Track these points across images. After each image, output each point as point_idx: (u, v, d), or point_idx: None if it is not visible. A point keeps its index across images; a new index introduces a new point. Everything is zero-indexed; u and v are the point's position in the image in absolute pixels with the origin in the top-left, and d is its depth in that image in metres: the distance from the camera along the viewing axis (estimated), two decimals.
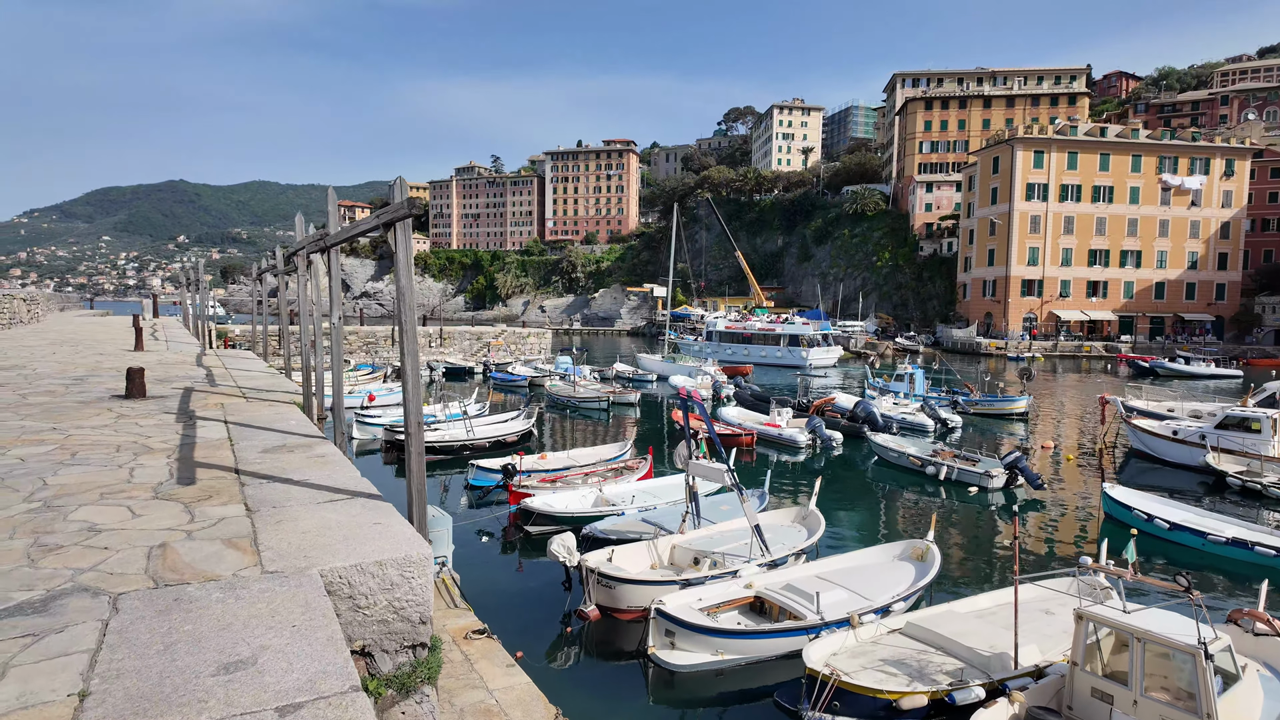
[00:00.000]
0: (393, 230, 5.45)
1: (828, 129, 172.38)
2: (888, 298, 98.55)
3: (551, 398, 37.51)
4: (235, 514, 5.11)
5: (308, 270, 10.14)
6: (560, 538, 12.77)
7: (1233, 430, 23.53)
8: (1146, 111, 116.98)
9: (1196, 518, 16.58)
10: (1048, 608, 11.83)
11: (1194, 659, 7.98)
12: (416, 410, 5.54)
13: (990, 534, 17.70)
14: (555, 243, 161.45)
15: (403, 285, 5.39)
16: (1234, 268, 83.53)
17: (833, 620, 11.02)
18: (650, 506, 17.46)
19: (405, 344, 5.45)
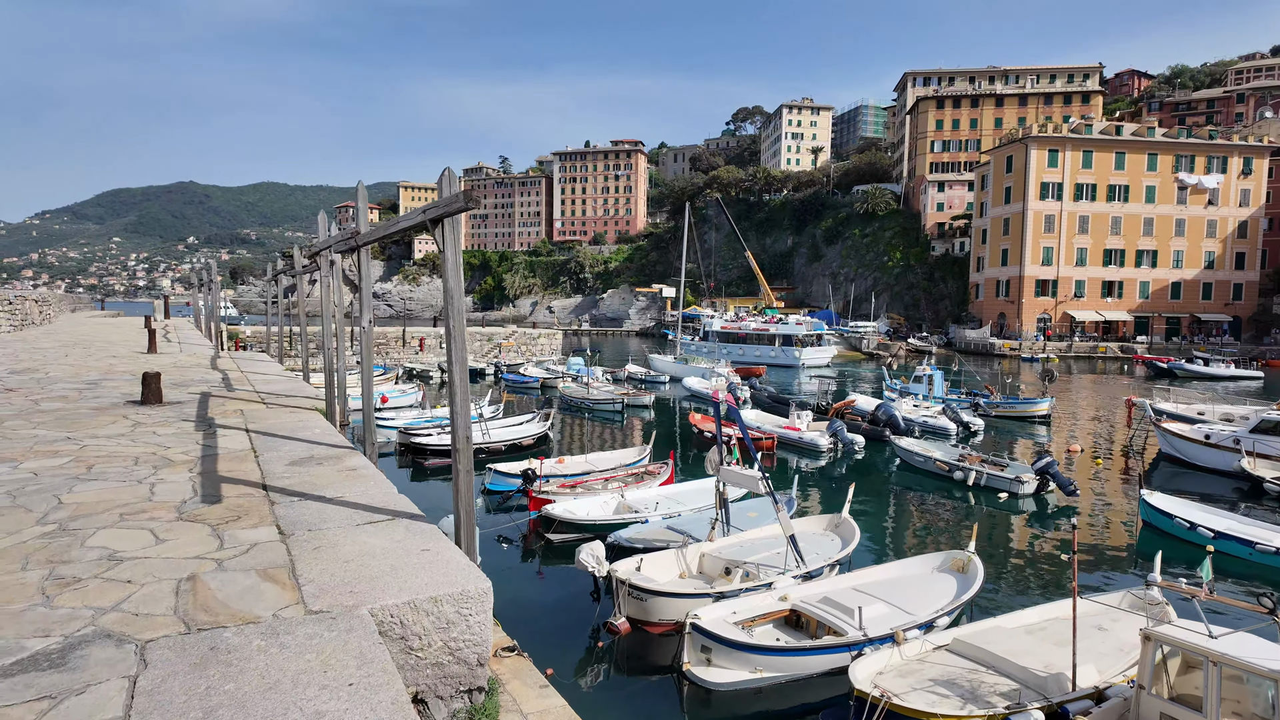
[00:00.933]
0: (440, 226, 5.01)
1: (837, 128, 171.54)
2: (899, 298, 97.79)
3: (565, 399, 37.09)
4: (268, 538, 4.67)
5: (330, 271, 9.74)
6: (589, 547, 12.32)
7: (1269, 434, 22.89)
8: (1160, 110, 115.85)
9: (1241, 525, 16.01)
10: (1099, 623, 11.30)
11: (1277, 684, 7.47)
12: (465, 423, 5.10)
13: (1028, 543, 17.16)
14: (563, 243, 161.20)
15: (451, 286, 4.95)
16: (1251, 267, 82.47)
17: (876, 636, 10.54)
18: (675, 513, 16.99)
19: (454, 350, 5.01)
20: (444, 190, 4.95)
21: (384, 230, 6.75)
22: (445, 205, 4.85)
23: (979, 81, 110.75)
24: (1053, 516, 19.24)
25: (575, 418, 34.06)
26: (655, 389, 43.09)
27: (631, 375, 48.45)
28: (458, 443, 5.14)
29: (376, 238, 7.02)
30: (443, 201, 4.88)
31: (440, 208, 4.90)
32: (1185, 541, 16.15)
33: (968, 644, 10.45)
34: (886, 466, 24.79)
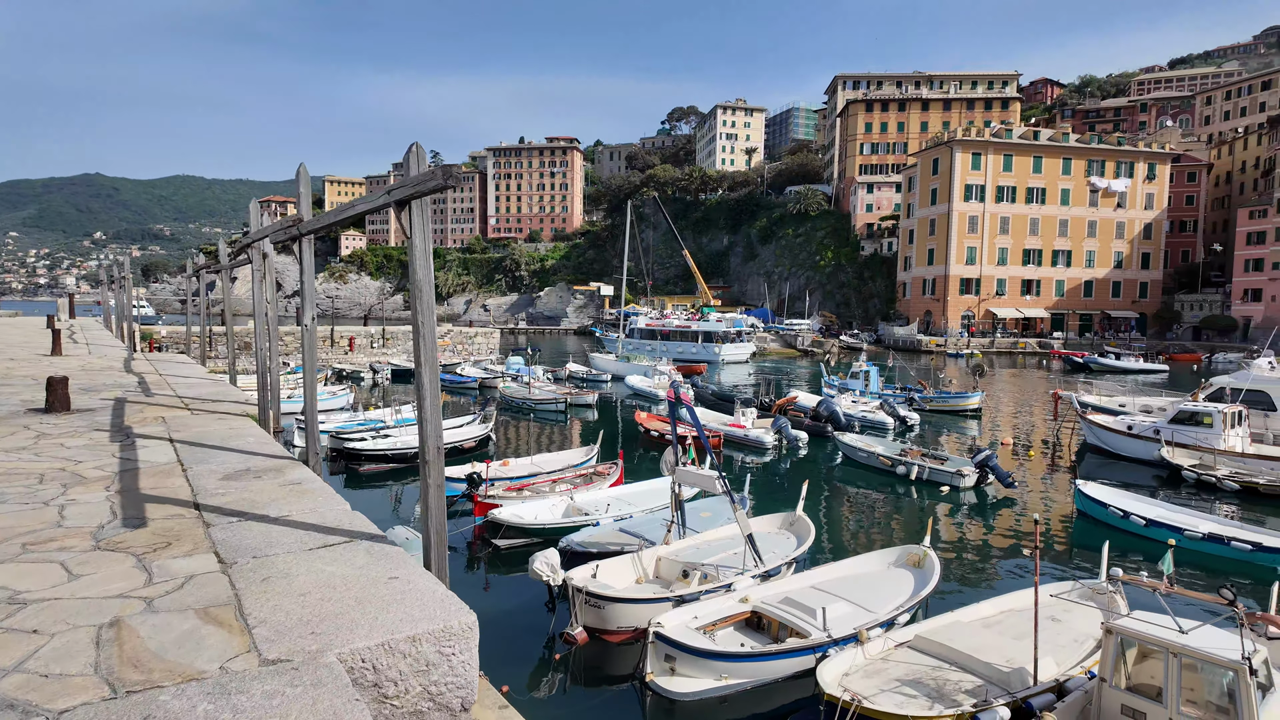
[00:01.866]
0: (408, 210, 4.46)
1: (770, 130, 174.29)
2: (831, 296, 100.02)
3: (505, 400, 36.24)
4: (206, 569, 4.05)
5: (264, 264, 8.92)
6: (544, 555, 11.83)
7: (1185, 425, 24.08)
8: (1073, 117, 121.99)
9: (1170, 513, 16.69)
10: (1053, 614, 11.46)
11: (1237, 675, 7.60)
12: (436, 432, 4.56)
13: (973, 535, 17.48)
14: (498, 240, 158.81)
15: (420, 279, 4.41)
16: (1156, 267, 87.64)
17: (840, 637, 10.41)
18: (626, 515, 16.60)
19: (423, 350, 4.47)
20: (412, 168, 4.40)
21: (336, 216, 6.10)
22: (417, 184, 4.30)
23: (906, 86, 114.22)
24: (993, 508, 19.71)
25: (516, 418, 33.30)
26: (598, 388, 42.61)
27: (573, 374, 47.84)
28: (428, 454, 4.60)
29: (326, 225, 6.35)
30: (412, 180, 4.33)
31: (409, 187, 4.35)
32: (1119, 529, 16.73)
33: (930, 640, 10.43)
34: (830, 462, 25.03)
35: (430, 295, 4.53)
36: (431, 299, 4.54)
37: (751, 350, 67.90)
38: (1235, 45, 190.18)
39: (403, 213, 4.49)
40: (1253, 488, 20.51)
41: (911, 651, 10.40)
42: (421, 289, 4.47)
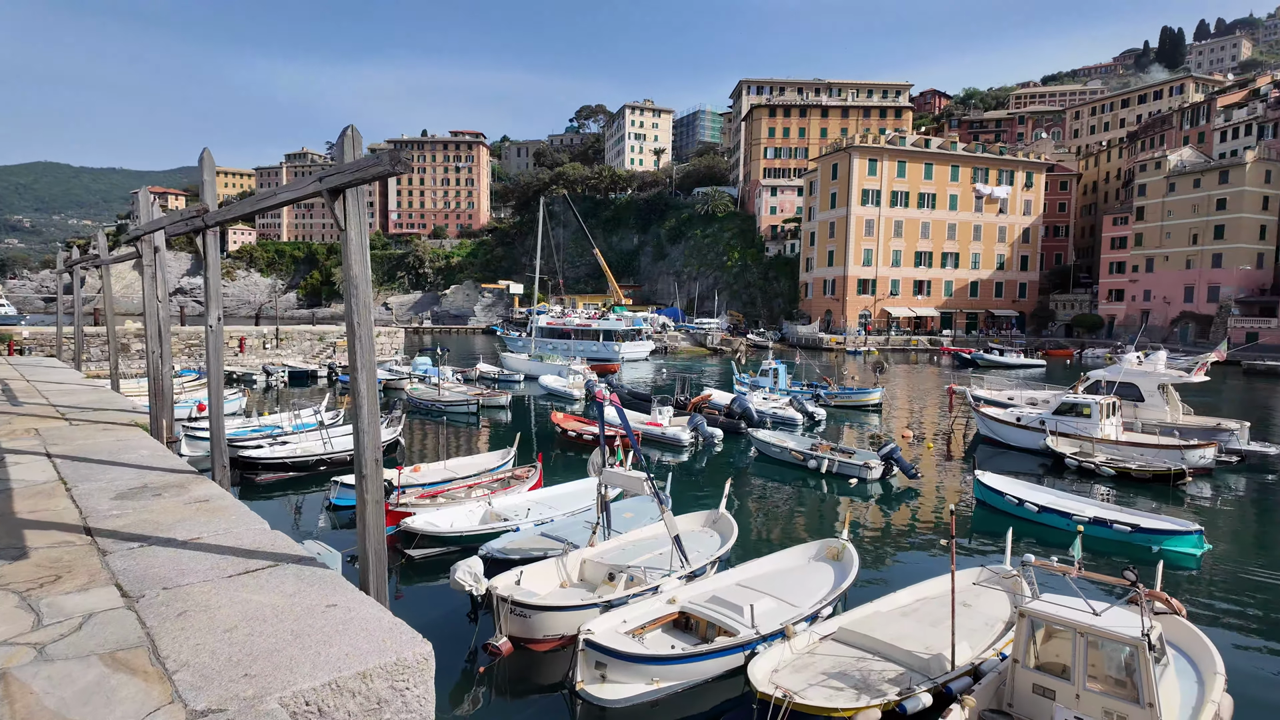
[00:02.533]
0: (341, 200, 4.06)
1: (677, 131, 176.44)
2: (738, 296, 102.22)
3: (413, 402, 34.98)
4: (108, 604, 3.57)
5: (155, 259, 8.08)
6: (466, 564, 11.38)
7: (1067, 416, 25.89)
8: (959, 127, 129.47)
9: (1059, 499, 17.86)
10: (963, 600, 11.96)
11: (1137, 650, 8.12)
12: (374, 442, 4.19)
13: (884, 526, 18.11)
14: (400, 236, 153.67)
15: (355, 274, 4.03)
16: (1033, 269, 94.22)
17: (768, 633, 10.52)
18: (548, 519, 16.26)
19: (359, 352, 4.10)
20: (346, 154, 4.01)
21: (254, 205, 5.53)
22: (356, 170, 3.91)
23: (806, 92, 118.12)
24: (898, 499, 20.53)
25: (426, 421, 32.20)
26: (510, 388, 41.82)
27: (484, 375, 46.79)
28: (364, 466, 4.23)
29: (238, 215, 5.77)
30: (351, 166, 3.94)
31: (347, 173, 3.94)
32: (1014, 516, 17.75)
33: (852, 632, 10.69)
34: (744, 458, 25.46)
35: (367, 293, 4.17)
36: (368, 297, 4.18)
37: (650, 348, 69.33)
38: (1098, 65, 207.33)
39: (336, 202, 4.10)
40: (1126, 472, 22.26)
41: (836, 644, 10.63)
42: (358, 285, 4.10)
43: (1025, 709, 8.87)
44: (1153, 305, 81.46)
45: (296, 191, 4.56)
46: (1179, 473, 21.57)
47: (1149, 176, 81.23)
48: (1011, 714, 8.86)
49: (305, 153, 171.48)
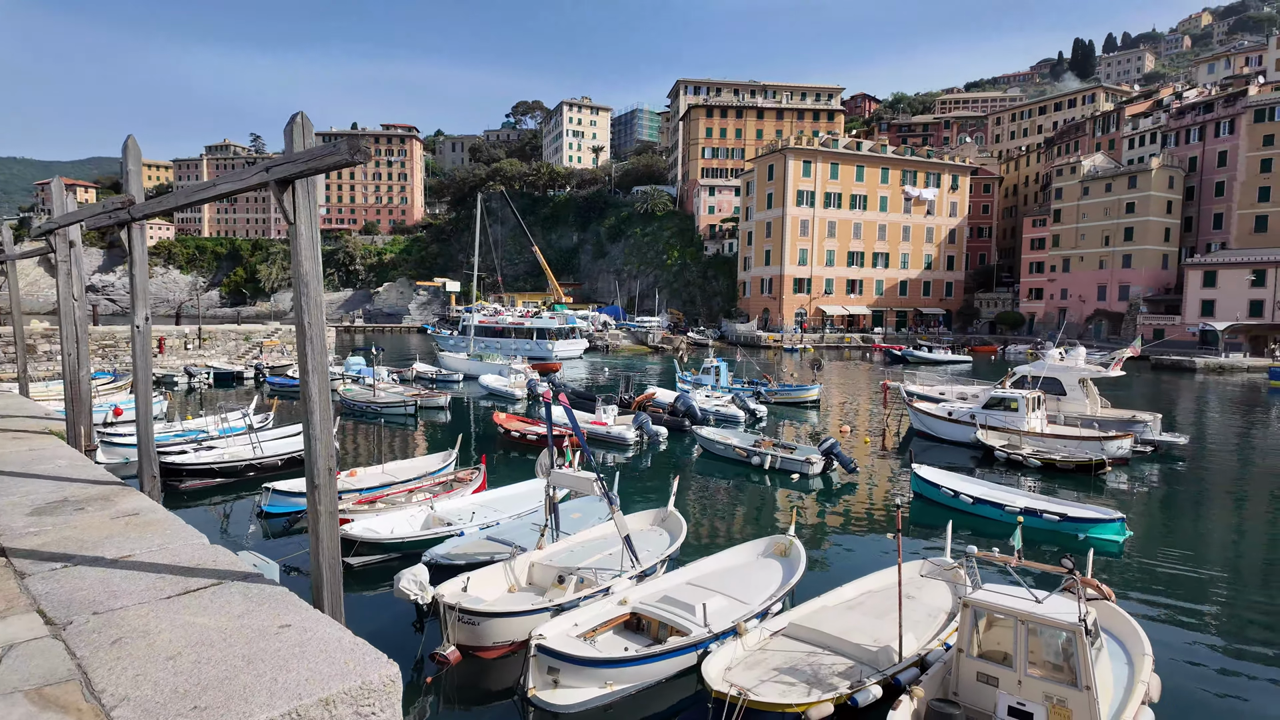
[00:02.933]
0: (290, 191, 3.78)
1: (615, 129, 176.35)
2: (678, 294, 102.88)
3: (347, 404, 33.87)
4: (30, 634, 3.23)
5: (70, 254, 7.46)
6: (410, 572, 11.02)
7: (995, 410, 26.92)
8: (888, 131, 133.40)
9: (992, 491, 18.52)
10: (907, 592, 12.22)
11: (1075, 635, 8.42)
12: (327, 450, 3.93)
13: (827, 520, 18.42)
14: (330, 232, 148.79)
15: (306, 271, 3.76)
16: (959, 268, 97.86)
17: (720, 631, 10.53)
18: (493, 522, 15.93)
19: (310, 354, 3.83)
20: (295, 142, 3.73)
21: (188, 197, 5.12)
22: (310, 160, 3.63)
23: (742, 94, 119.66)
24: (839, 493, 20.93)
25: (361, 424, 31.22)
26: (449, 389, 40.94)
27: (421, 375, 45.72)
28: (317, 476, 3.96)
29: (172, 207, 5.31)
30: (303, 155, 3.66)
31: (299, 163, 3.66)
32: (950, 508, 18.32)
33: (802, 627, 10.82)
34: (688, 455, 25.57)
35: (318, 291, 3.90)
36: (320, 295, 3.92)
37: (585, 346, 68.82)
38: (1017, 74, 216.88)
39: (285, 194, 3.82)
40: (1051, 463, 23.27)
41: (786, 639, 10.73)
42: (308, 283, 3.83)
43: (970, 697, 9.10)
44: (1069, 303, 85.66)
45: (239, 182, 4.23)
46: (1099, 463, 22.68)
47: (1065, 181, 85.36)
48: (958, 702, 9.08)
49: (227, 144, 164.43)
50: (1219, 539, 17.05)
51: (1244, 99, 75.29)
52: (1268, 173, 73.76)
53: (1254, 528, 18.18)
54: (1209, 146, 78.52)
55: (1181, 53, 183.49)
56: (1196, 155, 79.72)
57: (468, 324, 69.41)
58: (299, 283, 3.88)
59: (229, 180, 4.50)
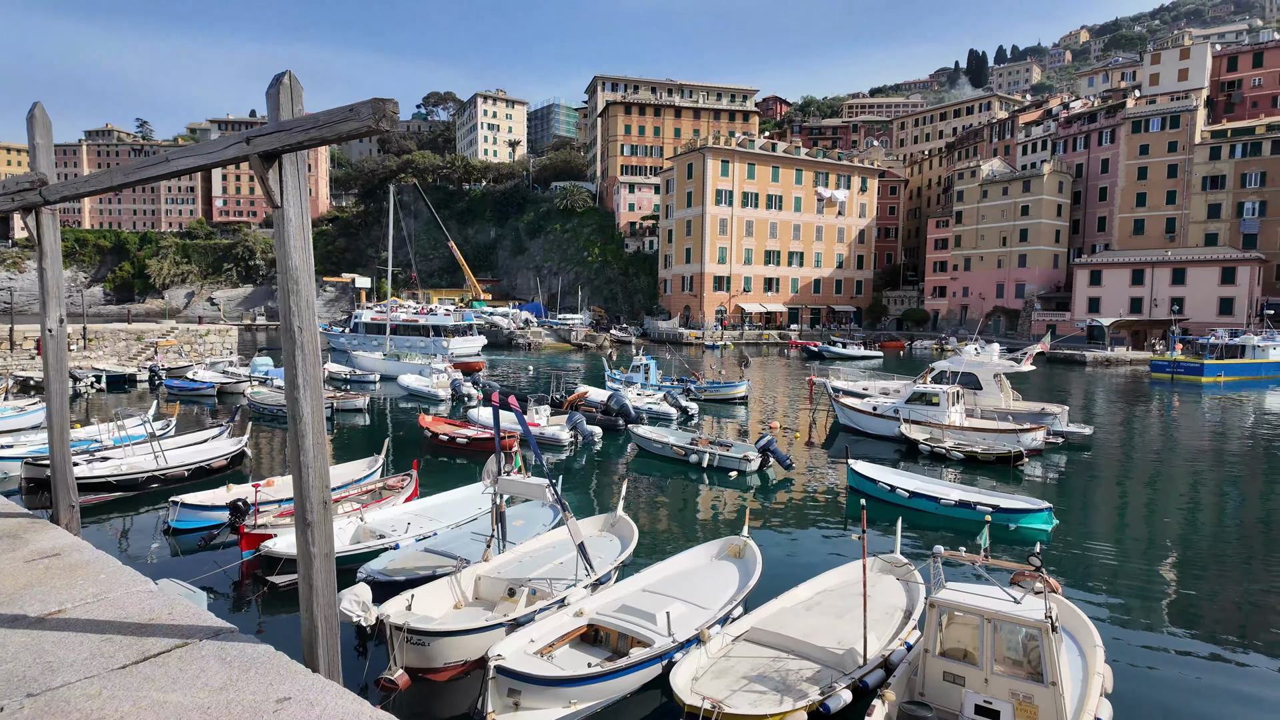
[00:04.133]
0: (277, 167, 3.11)
1: (532, 124, 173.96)
2: (600, 291, 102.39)
3: (255, 407, 31.78)
4: None
5: None
6: (351, 592, 10.18)
7: (918, 404, 27.79)
8: (800, 133, 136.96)
9: (927, 485, 18.97)
10: (860, 590, 12.28)
11: (1042, 632, 8.52)
12: (322, 480, 3.29)
13: (770, 518, 18.41)
14: (227, 224, 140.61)
15: (295, 264, 3.11)
16: (868, 267, 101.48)
17: (684, 640, 10.21)
18: (430, 533, 15.07)
19: (301, 364, 3.18)
20: (283, 108, 3.05)
21: (124, 177, 4.23)
22: (311, 128, 2.91)
23: (660, 92, 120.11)
24: (776, 490, 21.03)
25: (272, 429, 29.32)
26: (365, 390, 39.10)
27: (333, 375, 43.53)
28: (310, 512, 3.30)
29: (104, 189, 4.41)
30: (299, 124, 2.94)
31: (294, 132, 2.93)
32: (887, 502, 18.67)
33: (764, 631, 10.64)
34: (622, 455, 25.22)
35: (310, 290, 3.26)
36: (312, 294, 3.28)
37: (482, 343, 66.82)
38: (917, 81, 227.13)
39: (270, 170, 3.15)
40: (973, 456, 24.16)
41: (749, 644, 10.52)
42: (299, 280, 3.19)
43: (938, 697, 9.10)
44: (970, 300, 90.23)
45: (208, 155, 3.50)
46: (1018, 454, 23.71)
47: (965, 184, 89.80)
48: (928, 703, 9.07)
49: (110, 129, 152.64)
50: (1135, 523, 18.05)
51: (1123, 111, 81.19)
52: (1144, 180, 79.84)
53: (1165, 509, 19.36)
54: (1093, 154, 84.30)
55: (1064, 66, 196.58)
56: (1083, 162, 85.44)
57: (358, 320, 68.07)
58: (287, 279, 3.23)
59: (194, 153, 3.73)
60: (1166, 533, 17.23)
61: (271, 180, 3.08)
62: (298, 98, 3.18)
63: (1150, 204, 79.50)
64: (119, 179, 4.25)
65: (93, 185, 4.37)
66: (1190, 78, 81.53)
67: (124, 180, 4.22)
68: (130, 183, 4.23)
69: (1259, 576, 14.34)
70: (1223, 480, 23.01)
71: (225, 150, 3.24)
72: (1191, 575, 14.46)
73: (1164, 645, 11.46)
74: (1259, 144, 72.83)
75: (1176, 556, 15.54)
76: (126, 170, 4.14)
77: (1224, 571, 14.63)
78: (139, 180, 4.19)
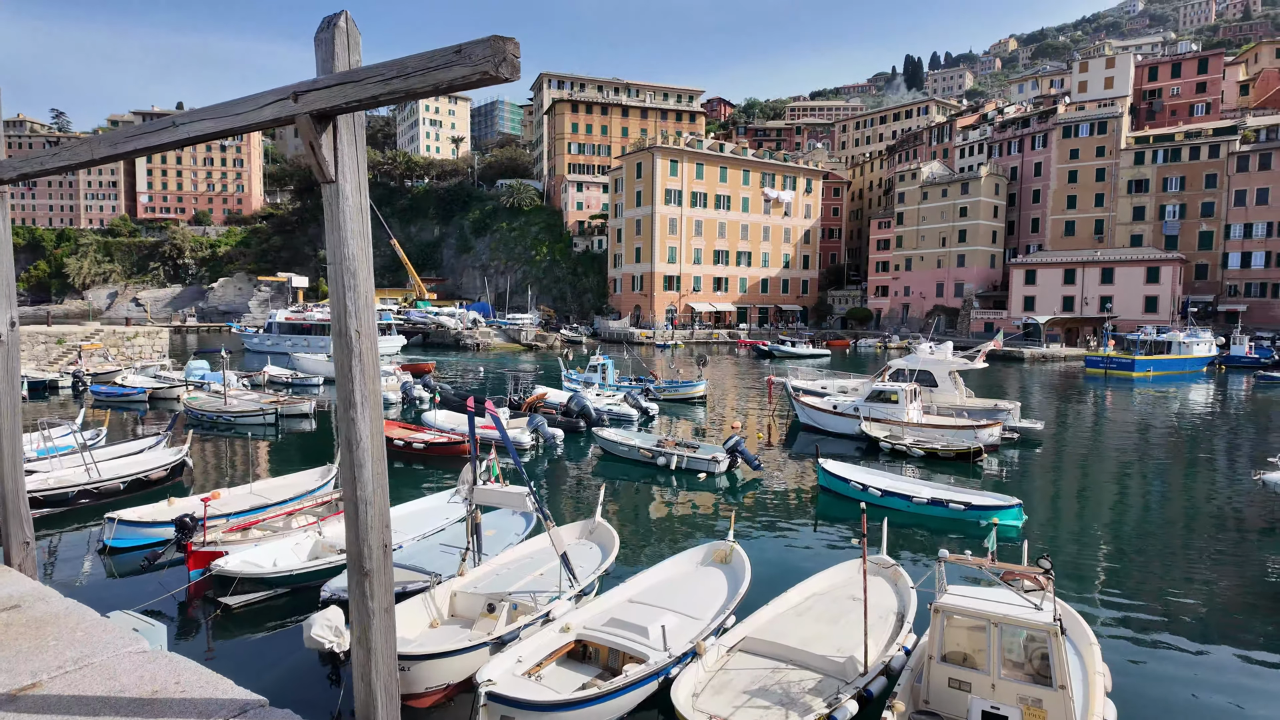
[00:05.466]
0: (331, 131, 2.50)
1: (475, 121, 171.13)
2: (548, 291, 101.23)
3: (192, 414, 30.03)
4: None
5: None
6: (323, 617, 9.42)
7: (877, 402, 28.02)
8: (745, 134, 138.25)
9: (899, 483, 19.00)
10: (851, 593, 12.07)
11: (1050, 635, 8.39)
12: (382, 519, 2.69)
13: (748, 520, 18.15)
14: (153, 222, 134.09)
15: (352, 254, 2.54)
16: (814, 267, 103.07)
17: (681, 654, 9.79)
18: (395, 546, 14.27)
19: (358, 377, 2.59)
20: (336, 57, 2.44)
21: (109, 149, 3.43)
22: (381, 79, 2.27)
23: (606, 90, 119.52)
24: (745, 491, 20.82)
25: (212, 437, 27.72)
26: (309, 393, 37.45)
27: (274, 379, 41.63)
28: (367, 558, 2.67)
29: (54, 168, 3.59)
30: (366, 74, 2.30)
31: (358, 85, 2.29)
32: (858, 501, 18.60)
33: (759, 640, 10.33)
34: (584, 457, 24.69)
35: (369, 285, 2.69)
36: (371, 290, 2.71)
37: (402, 342, 65.48)
38: (855, 85, 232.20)
39: (323, 135, 2.54)
40: (933, 453, 24.45)
41: (746, 655, 10.18)
42: (356, 273, 2.60)
43: (944, 704, 8.91)
44: (912, 300, 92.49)
45: (235, 118, 2.78)
46: (977, 450, 24.09)
47: (906, 186, 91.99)
48: (935, 711, 8.86)
49: (22, 119, 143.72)
50: (1098, 515, 18.41)
51: (1055, 116, 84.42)
52: (1074, 183, 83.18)
53: (1123, 500, 19.84)
54: (1027, 158, 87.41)
55: (995, 73, 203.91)
56: (1017, 165, 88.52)
57: (271, 321, 66.70)
58: (342, 270, 2.63)
59: (212, 115, 3.03)
60: (1127, 523, 17.64)
61: (324, 147, 2.48)
62: (355, 45, 2.57)
63: (1080, 206, 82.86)
64: (103, 150, 3.46)
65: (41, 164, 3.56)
66: (1115, 86, 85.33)
67: (109, 152, 3.42)
68: (117, 155, 3.46)
69: (1219, 561, 14.72)
70: (1168, 469, 23.86)
71: (262, 110, 2.62)
72: (1161, 563, 14.75)
73: (1150, 639, 11.56)
74: (1178, 150, 76.69)
75: (1142, 545, 15.87)
76: (115, 139, 3.37)
77: (1190, 558, 14.99)
78: (131, 151, 3.41)
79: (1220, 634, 11.67)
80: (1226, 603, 12.95)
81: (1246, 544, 16.21)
